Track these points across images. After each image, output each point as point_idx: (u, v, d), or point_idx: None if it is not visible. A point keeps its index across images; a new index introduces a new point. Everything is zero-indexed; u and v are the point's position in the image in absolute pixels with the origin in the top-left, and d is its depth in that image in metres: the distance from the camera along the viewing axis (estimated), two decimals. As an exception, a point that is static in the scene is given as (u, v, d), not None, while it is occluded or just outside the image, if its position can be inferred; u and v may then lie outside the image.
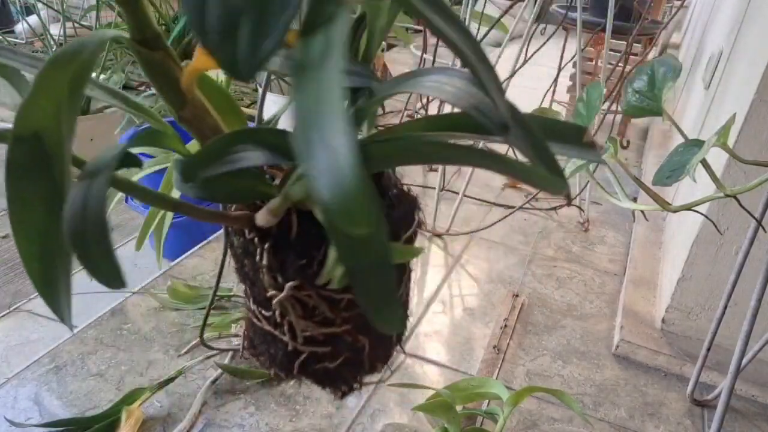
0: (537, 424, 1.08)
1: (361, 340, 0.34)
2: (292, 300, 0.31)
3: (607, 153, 0.58)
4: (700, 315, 1.22)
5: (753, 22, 1.28)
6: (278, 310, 0.32)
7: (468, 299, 1.42)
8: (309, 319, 0.32)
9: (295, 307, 0.31)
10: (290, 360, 0.34)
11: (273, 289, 0.31)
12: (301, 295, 0.31)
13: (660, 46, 3.23)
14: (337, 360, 0.34)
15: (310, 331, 0.32)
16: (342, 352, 0.34)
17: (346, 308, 0.32)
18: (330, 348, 0.33)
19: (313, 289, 0.30)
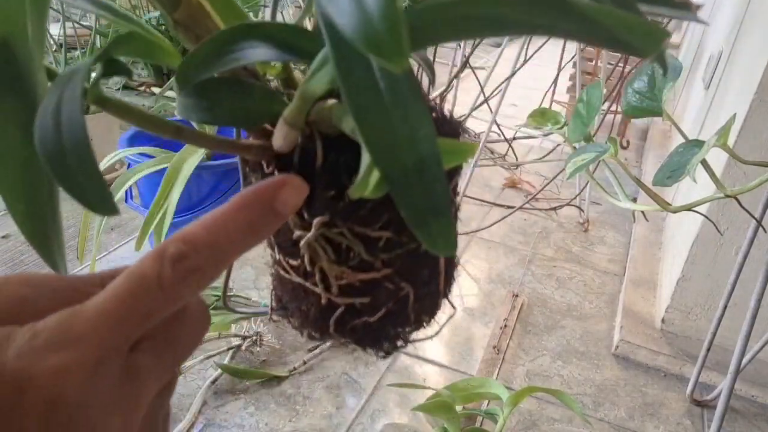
0: (537, 424, 1.08)
1: (404, 288, 0.30)
2: (323, 241, 0.27)
3: (607, 153, 0.58)
4: (700, 315, 1.22)
5: (753, 22, 1.28)
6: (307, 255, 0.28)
7: (468, 299, 1.42)
8: (343, 263, 0.28)
9: (326, 249, 0.27)
10: (325, 316, 0.31)
11: (299, 230, 0.27)
12: (333, 234, 0.27)
13: (660, 46, 3.22)
14: (378, 312, 0.30)
15: (346, 279, 0.28)
16: (383, 303, 0.30)
17: (386, 248, 0.27)
18: (370, 299, 0.29)
19: (346, 224, 0.26)
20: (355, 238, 0.27)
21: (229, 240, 0.22)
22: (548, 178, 1.80)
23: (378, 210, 0.26)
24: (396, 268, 0.29)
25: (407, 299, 0.30)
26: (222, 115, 0.25)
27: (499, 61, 1.64)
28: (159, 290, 0.20)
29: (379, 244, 0.27)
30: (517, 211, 1.73)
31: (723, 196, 0.57)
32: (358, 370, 1.16)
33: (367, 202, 0.26)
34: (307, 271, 0.29)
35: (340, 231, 0.27)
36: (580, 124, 0.65)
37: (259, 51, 0.23)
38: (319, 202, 0.26)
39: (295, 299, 0.30)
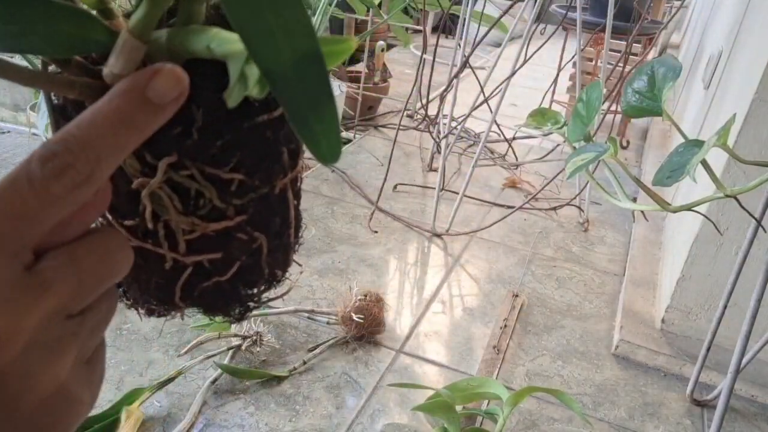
0: (537, 424, 1.08)
1: (257, 238, 0.27)
2: (168, 188, 0.24)
3: (607, 153, 0.58)
4: (700, 315, 1.22)
5: (753, 22, 1.28)
6: (149, 207, 0.24)
7: (468, 299, 1.42)
8: (192, 213, 0.25)
9: (172, 198, 0.24)
10: (170, 282, 0.27)
11: (140, 176, 0.24)
12: (181, 177, 0.24)
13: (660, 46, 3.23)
14: (231, 269, 0.27)
15: (198, 230, 0.25)
16: (236, 257, 0.27)
17: (238, 193, 0.25)
18: (221, 253, 0.26)
19: (195, 165, 0.24)
20: (206, 180, 0.24)
21: (99, 134, 0.20)
22: (548, 178, 1.80)
23: (230, 149, 0.24)
24: (249, 214, 0.26)
25: (260, 251, 0.28)
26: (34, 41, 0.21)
27: (499, 61, 1.64)
28: (29, 190, 0.19)
29: (231, 187, 0.25)
30: (517, 211, 1.73)
31: (723, 195, 0.57)
32: (358, 370, 1.16)
33: (217, 140, 0.24)
34: (148, 229, 0.25)
35: (189, 173, 0.24)
36: (579, 123, 0.65)
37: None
38: (164, 141, 0.23)
39: (132, 268, 0.25)
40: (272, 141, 0.26)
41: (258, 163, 0.25)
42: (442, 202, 1.73)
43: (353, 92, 2.23)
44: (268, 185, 0.26)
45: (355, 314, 1.19)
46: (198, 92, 0.23)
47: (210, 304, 0.29)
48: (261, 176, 0.26)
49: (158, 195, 0.24)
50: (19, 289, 0.19)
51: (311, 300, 1.33)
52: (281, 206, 0.28)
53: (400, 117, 1.96)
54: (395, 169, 1.95)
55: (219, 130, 0.24)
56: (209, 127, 0.24)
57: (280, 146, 0.26)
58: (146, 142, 0.22)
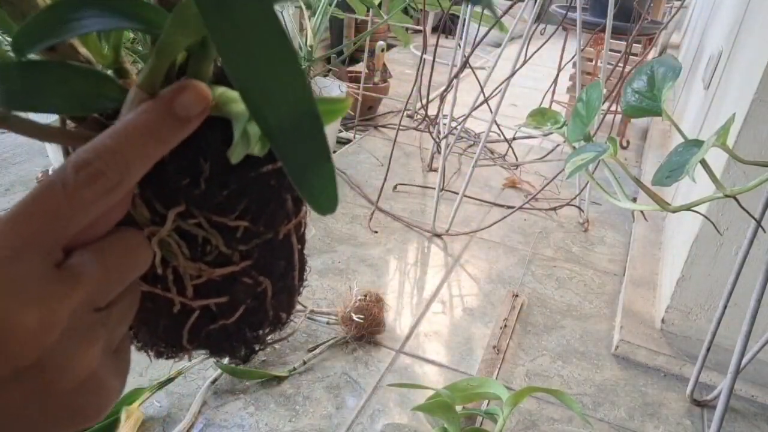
0: (537, 424, 1.08)
1: (262, 282, 0.28)
2: (176, 236, 0.25)
3: (606, 153, 0.58)
4: (700, 315, 1.22)
5: (753, 22, 1.28)
6: (159, 253, 0.25)
7: (468, 299, 1.42)
8: (200, 259, 0.26)
9: (180, 244, 0.25)
10: (177, 326, 0.28)
11: (150, 226, 0.25)
12: (189, 225, 0.25)
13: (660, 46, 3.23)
14: (237, 312, 0.28)
15: (204, 276, 0.26)
16: (242, 300, 0.28)
17: (243, 239, 0.26)
18: (227, 297, 0.27)
19: (203, 213, 0.25)
20: (212, 228, 0.25)
21: (129, 144, 0.22)
22: (548, 178, 1.80)
23: (235, 197, 0.25)
24: (254, 259, 0.27)
25: (265, 294, 0.29)
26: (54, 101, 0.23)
27: (499, 61, 1.64)
28: (63, 194, 0.21)
29: (237, 234, 0.26)
30: (516, 211, 1.73)
31: (722, 195, 0.57)
32: (358, 370, 1.16)
33: (224, 189, 0.25)
34: (157, 275, 0.26)
35: (197, 222, 0.25)
36: (579, 123, 0.65)
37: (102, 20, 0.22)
38: (173, 190, 0.24)
39: (141, 312, 0.27)
40: (276, 189, 0.27)
41: (262, 210, 0.27)
42: (442, 202, 1.73)
43: (353, 92, 2.23)
44: (272, 231, 0.27)
45: (355, 314, 1.19)
46: (205, 145, 0.24)
47: (216, 346, 0.29)
48: (265, 223, 0.27)
49: (167, 242, 0.25)
50: (52, 283, 0.21)
51: (311, 300, 1.33)
52: (285, 250, 0.29)
53: (400, 117, 1.96)
54: (395, 169, 1.95)
55: (225, 181, 0.25)
56: (216, 178, 0.25)
57: (284, 194, 0.27)
58: (155, 193, 0.24)
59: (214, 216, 0.25)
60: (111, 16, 0.22)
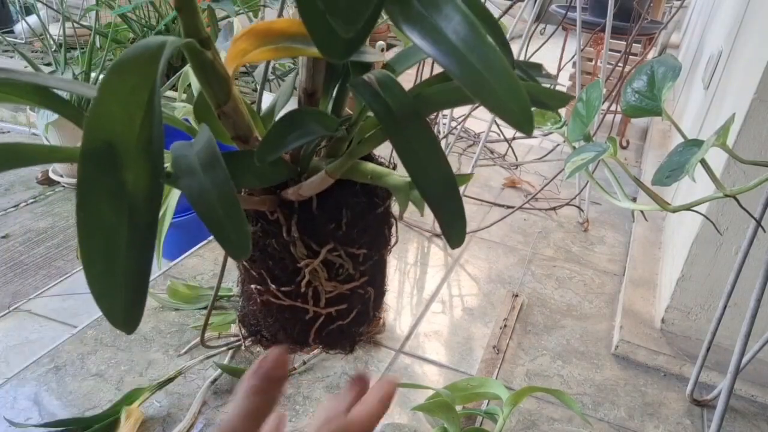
0: (536, 424, 1.08)
1: (368, 291, 0.38)
2: (322, 264, 0.35)
3: (606, 153, 0.58)
4: (700, 315, 1.22)
5: (753, 23, 1.28)
6: (306, 278, 0.35)
7: (468, 299, 1.42)
8: (334, 279, 0.36)
9: (322, 270, 0.35)
10: (306, 328, 0.38)
11: (306, 258, 0.35)
12: (332, 257, 0.35)
13: (659, 46, 3.23)
14: (351, 315, 0.38)
15: (336, 291, 0.36)
16: (355, 306, 0.38)
17: (363, 262, 0.36)
18: (346, 304, 0.37)
19: (343, 248, 0.35)
20: (347, 257, 0.35)
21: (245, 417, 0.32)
22: (548, 178, 1.80)
23: (362, 233, 0.35)
24: (369, 275, 0.37)
25: (369, 300, 0.39)
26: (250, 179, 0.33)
27: (499, 61, 1.64)
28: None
29: (360, 258, 0.36)
30: (516, 211, 1.73)
31: (722, 195, 0.57)
32: (358, 370, 1.16)
33: (355, 228, 0.34)
34: (301, 292, 0.36)
35: (338, 254, 0.35)
36: (579, 123, 0.65)
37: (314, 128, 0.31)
38: (324, 233, 0.34)
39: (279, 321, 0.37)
40: (382, 224, 0.38)
41: (375, 240, 0.37)
42: (442, 202, 1.73)
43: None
44: (378, 254, 0.38)
45: (355, 314, 1.19)
46: (342, 200, 0.35)
47: (332, 341, 0.40)
48: (376, 249, 0.38)
49: (316, 269, 0.35)
50: None
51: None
52: (383, 267, 0.40)
53: (400, 117, 1.95)
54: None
55: (357, 222, 0.35)
56: (351, 221, 0.35)
57: (385, 227, 0.38)
58: (310, 235, 0.34)
59: (348, 248, 0.35)
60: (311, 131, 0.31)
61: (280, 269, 0.35)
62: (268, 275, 0.36)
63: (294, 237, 0.33)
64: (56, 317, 1.25)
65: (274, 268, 0.36)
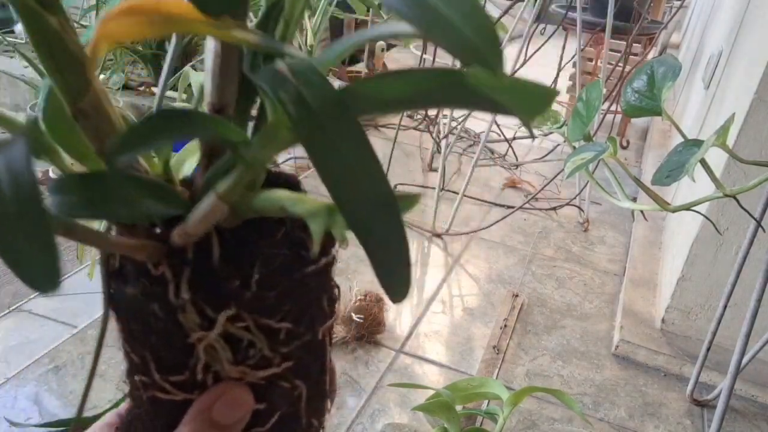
0: (537, 424, 1.08)
1: (298, 386, 0.28)
2: (223, 339, 0.25)
3: (606, 153, 0.58)
4: (700, 315, 1.22)
5: (753, 22, 1.28)
6: (204, 359, 0.25)
7: (468, 299, 1.42)
8: (242, 362, 0.25)
9: (225, 349, 0.25)
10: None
11: (199, 330, 0.24)
12: (236, 329, 0.25)
13: (660, 46, 3.23)
14: (272, 419, 0.27)
15: (246, 379, 0.26)
16: (278, 406, 0.27)
17: (285, 341, 0.26)
18: (265, 403, 0.27)
19: (252, 316, 0.25)
20: (259, 331, 0.25)
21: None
22: (548, 178, 1.80)
23: (282, 298, 0.25)
24: (293, 362, 0.27)
25: (300, 399, 0.28)
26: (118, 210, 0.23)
27: (499, 61, 1.64)
28: None
29: (280, 336, 0.26)
30: (517, 211, 1.73)
31: (722, 195, 0.57)
32: (358, 370, 1.16)
33: (272, 291, 0.25)
34: (197, 380, 0.25)
35: (245, 325, 0.25)
36: (579, 123, 0.65)
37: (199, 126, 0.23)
38: (224, 294, 0.24)
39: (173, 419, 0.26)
40: (316, 290, 0.27)
41: (304, 311, 0.27)
42: (442, 202, 1.73)
43: (353, 92, 2.23)
44: (311, 332, 0.27)
45: (355, 314, 1.19)
46: (255, 248, 0.25)
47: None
48: (306, 324, 0.27)
49: (214, 347, 0.25)
50: None
51: (311, 300, 1.33)
52: (321, 353, 0.29)
53: (400, 117, 1.96)
54: (395, 169, 1.95)
55: (274, 282, 0.25)
56: (265, 280, 0.25)
57: (322, 294, 0.28)
58: (205, 297, 0.24)
59: (261, 318, 0.25)
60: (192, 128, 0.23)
61: (167, 349, 0.25)
62: (153, 359, 0.26)
63: (183, 299, 0.24)
64: (56, 317, 1.25)
65: (160, 348, 0.26)
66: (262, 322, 0.25)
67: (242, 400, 0.24)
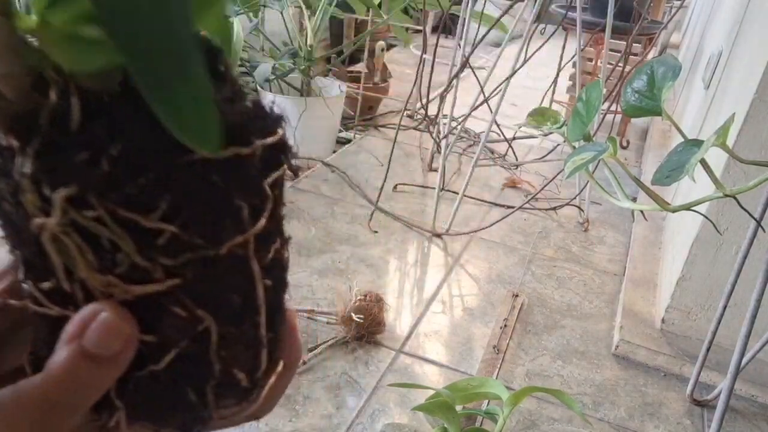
0: (537, 424, 1.08)
1: (202, 318, 0.21)
2: (75, 233, 0.19)
3: (606, 153, 0.58)
4: (700, 315, 1.22)
5: (753, 22, 1.28)
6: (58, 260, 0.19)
7: (468, 299, 1.42)
8: (108, 270, 0.19)
9: (81, 247, 0.19)
10: None
11: (41, 215, 0.19)
12: (87, 220, 0.18)
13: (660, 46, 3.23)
14: (167, 355, 0.21)
15: (117, 294, 0.20)
16: (172, 340, 0.21)
17: (169, 250, 0.19)
18: (155, 335, 0.21)
19: (104, 204, 0.18)
20: (121, 228, 0.19)
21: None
22: (548, 178, 1.80)
23: (154, 188, 0.19)
24: (186, 281, 0.20)
25: (208, 337, 0.21)
26: None
27: (499, 61, 1.64)
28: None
29: (159, 241, 0.19)
30: (517, 211, 1.73)
31: (722, 195, 0.57)
32: (358, 370, 1.16)
33: (137, 175, 0.18)
34: (66, 292, 0.20)
35: (96, 215, 0.18)
36: (579, 123, 0.65)
37: None
38: (65, 170, 0.18)
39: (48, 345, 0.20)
40: (223, 189, 0.20)
41: (200, 214, 0.19)
42: (442, 202, 1.73)
43: (353, 92, 2.23)
44: (214, 246, 0.20)
45: (355, 314, 1.19)
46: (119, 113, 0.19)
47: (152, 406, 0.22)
48: (203, 232, 0.20)
49: (62, 241, 0.19)
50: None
51: (311, 300, 1.33)
52: (239, 279, 0.21)
53: (400, 117, 1.96)
54: (395, 169, 1.95)
55: (141, 164, 0.18)
56: (127, 159, 0.18)
57: (237, 199, 0.20)
58: (48, 172, 0.18)
59: (121, 210, 0.18)
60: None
61: (24, 245, 0.20)
62: (20, 258, 0.21)
63: (24, 174, 0.18)
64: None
65: (18, 243, 0.21)
66: (122, 215, 0.19)
67: (119, 328, 0.19)
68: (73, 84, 0.19)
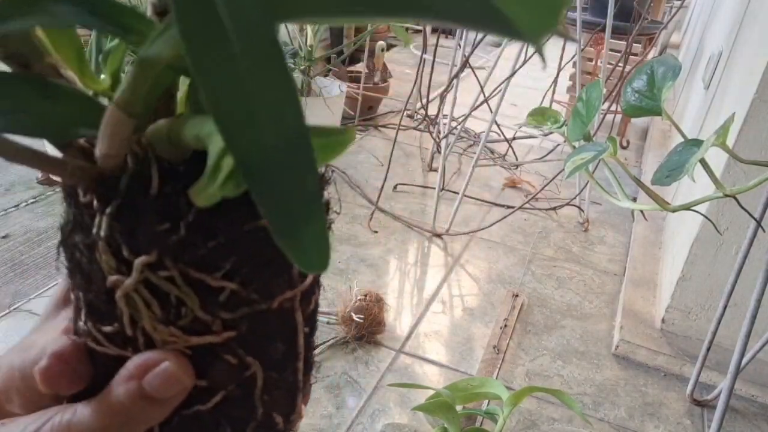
0: (537, 424, 1.08)
1: (250, 365, 0.23)
2: (145, 290, 0.21)
3: (606, 152, 0.58)
4: (700, 315, 1.22)
5: (753, 23, 1.28)
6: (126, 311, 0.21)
7: (468, 299, 1.42)
8: (172, 323, 0.21)
9: (150, 303, 0.21)
10: None
11: (116, 274, 0.21)
12: (160, 279, 0.20)
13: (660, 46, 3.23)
14: (215, 397, 0.23)
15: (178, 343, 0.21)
16: (222, 384, 0.23)
17: (228, 305, 0.21)
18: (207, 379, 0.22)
19: (178, 266, 0.20)
20: (188, 287, 0.21)
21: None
22: (548, 178, 1.80)
23: (222, 251, 0.20)
24: (240, 333, 0.22)
25: (254, 383, 0.23)
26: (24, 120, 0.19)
27: (499, 61, 1.64)
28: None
29: (220, 298, 0.21)
30: (517, 211, 1.73)
31: (722, 195, 0.57)
32: (358, 370, 1.16)
33: (209, 239, 0.20)
34: (128, 336, 0.22)
35: (169, 275, 0.20)
36: (579, 123, 0.65)
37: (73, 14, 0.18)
38: (146, 235, 0.20)
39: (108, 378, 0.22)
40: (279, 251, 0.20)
41: (257, 273, 0.21)
42: (442, 202, 1.73)
43: (353, 92, 2.23)
44: (267, 300, 0.22)
45: (355, 314, 1.19)
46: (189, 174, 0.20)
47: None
48: (259, 288, 0.22)
49: (133, 298, 0.21)
50: None
51: (311, 300, 1.33)
52: (285, 330, 0.23)
53: (400, 117, 1.96)
54: (395, 169, 1.95)
55: (213, 229, 0.20)
56: (201, 225, 0.20)
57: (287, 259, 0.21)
58: (126, 236, 0.20)
59: (192, 270, 0.20)
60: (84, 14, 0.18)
61: (92, 292, 0.22)
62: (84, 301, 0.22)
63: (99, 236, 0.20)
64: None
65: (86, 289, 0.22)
66: (192, 276, 0.20)
67: (178, 377, 0.21)
68: (152, 152, 0.20)
